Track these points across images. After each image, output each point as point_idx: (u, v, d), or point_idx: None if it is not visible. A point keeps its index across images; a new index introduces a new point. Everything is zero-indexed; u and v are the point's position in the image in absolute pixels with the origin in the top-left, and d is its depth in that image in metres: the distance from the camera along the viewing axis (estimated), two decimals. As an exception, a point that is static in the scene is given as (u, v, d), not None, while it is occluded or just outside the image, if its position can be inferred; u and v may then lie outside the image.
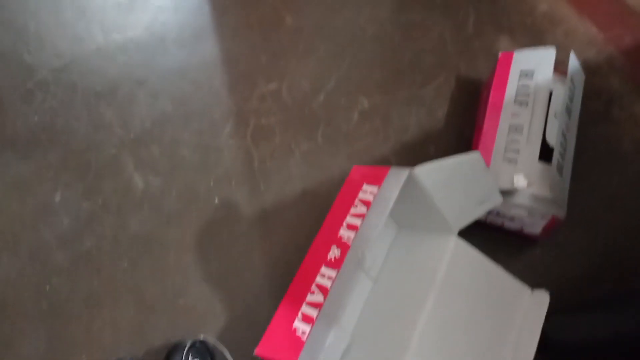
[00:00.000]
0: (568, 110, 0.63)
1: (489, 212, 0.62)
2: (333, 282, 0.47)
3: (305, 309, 0.47)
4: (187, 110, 0.73)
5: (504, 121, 0.63)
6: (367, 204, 0.51)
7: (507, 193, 0.59)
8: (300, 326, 0.46)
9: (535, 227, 0.61)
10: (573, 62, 0.64)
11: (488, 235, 0.61)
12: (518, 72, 0.66)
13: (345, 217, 0.51)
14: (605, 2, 0.84)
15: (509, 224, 0.62)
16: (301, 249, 0.64)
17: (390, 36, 0.80)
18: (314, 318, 0.46)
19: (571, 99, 0.64)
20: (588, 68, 0.76)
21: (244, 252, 0.64)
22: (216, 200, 0.67)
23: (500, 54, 0.70)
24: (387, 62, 0.78)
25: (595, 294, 0.62)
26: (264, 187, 0.68)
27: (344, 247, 0.49)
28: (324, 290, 0.47)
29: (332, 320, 0.45)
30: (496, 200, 0.56)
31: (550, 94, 0.63)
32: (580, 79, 0.68)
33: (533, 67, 0.66)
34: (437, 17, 0.81)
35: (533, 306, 0.54)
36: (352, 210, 0.51)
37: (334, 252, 0.49)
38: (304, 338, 0.45)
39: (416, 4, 0.83)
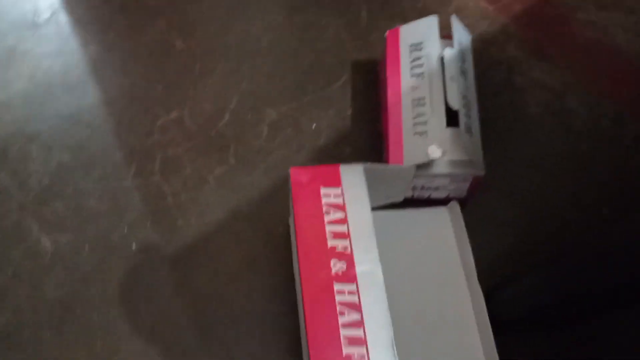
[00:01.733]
0: (463, 72, 0.64)
1: (414, 188, 0.62)
2: (358, 296, 0.45)
3: (345, 332, 0.44)
4: (87, 157, 0.69)
5: (406, 97, 0.63)
6: (339, 207, 0.49)
7: (425, 166, 0.59)
8: (354, 351, 0.43)
9: (460, 191, 0.62)
10: (456, 24, 0.66)
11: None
12: (408, 47, 0.66)
13: (323, 227, 0.49)
14: (489, -26, 0.85)
15: (435, 194, 0.63)
16: (234, 277, 0.61)
17: (286, 42, 0.78)
18: (363, 338, 0.43)
19: (463, 60, 0.65)
20: (484, 40, 0.77)
21: (173, 294, 0.61)
22: (134, 246, 0.63)
23: (387, 32, 0.69)
24: (288, 69, 0.76)
25: (530, 261, 0.62)
26: (182, 222, 0.65)
27: (347, 257, 0.47)
28: (353, 306, 0.45)
29: (383, 329, 0.44)
30: (399, 198, 0.59)
31: (442, 60, 0.63)
32: (467, 39, 0.69)
33: (421, 39, 0.66)
34: (330, 16, 0.80)
35: (454, 218, 0.58)
36: (327, 218, 0.49)
37: (338, 266, 0.47)
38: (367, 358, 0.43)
39: (306, 5, 0.81)
